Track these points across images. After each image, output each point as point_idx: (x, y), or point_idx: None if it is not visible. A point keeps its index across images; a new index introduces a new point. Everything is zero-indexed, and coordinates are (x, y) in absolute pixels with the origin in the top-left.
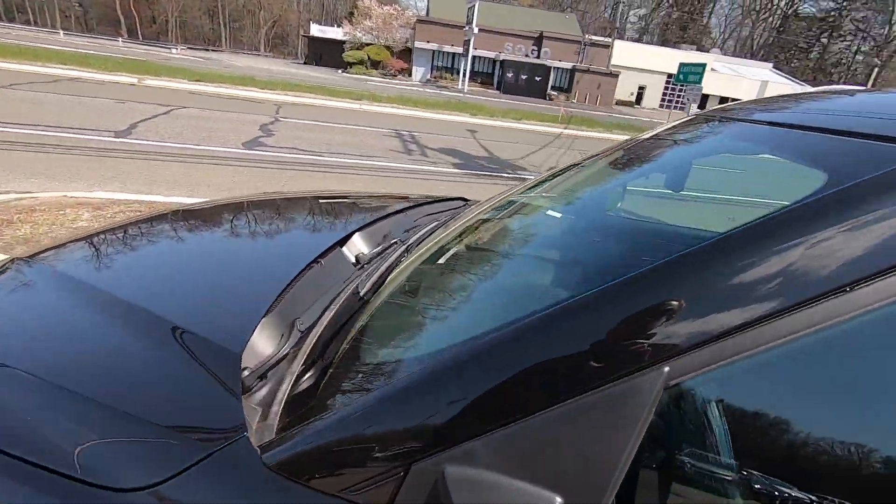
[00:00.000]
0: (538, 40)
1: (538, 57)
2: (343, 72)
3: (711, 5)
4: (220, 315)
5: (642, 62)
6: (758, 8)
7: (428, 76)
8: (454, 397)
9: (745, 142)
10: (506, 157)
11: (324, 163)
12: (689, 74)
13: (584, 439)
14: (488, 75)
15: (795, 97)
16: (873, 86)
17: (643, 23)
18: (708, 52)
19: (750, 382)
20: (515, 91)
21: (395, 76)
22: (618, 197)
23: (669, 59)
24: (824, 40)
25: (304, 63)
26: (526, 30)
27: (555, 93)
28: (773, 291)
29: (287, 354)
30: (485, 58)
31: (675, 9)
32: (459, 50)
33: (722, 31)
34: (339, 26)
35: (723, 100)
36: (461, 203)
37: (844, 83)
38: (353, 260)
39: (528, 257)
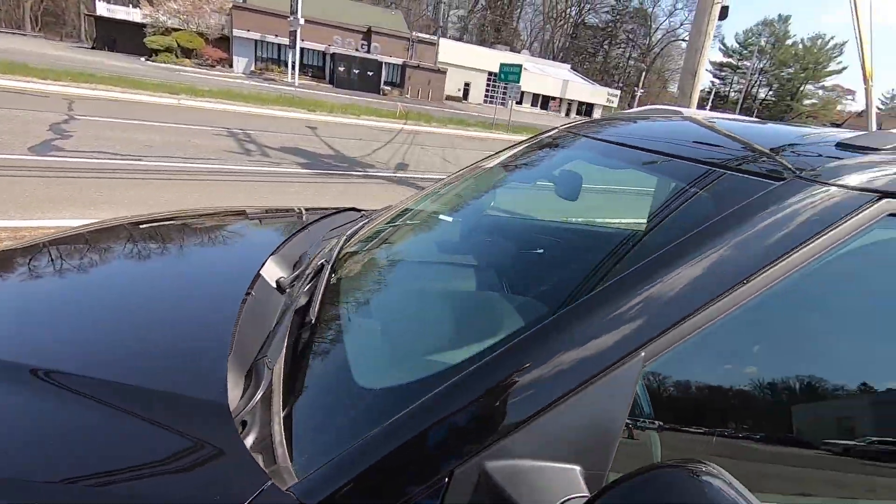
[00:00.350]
0: (367, 35)
1: (368, 52)
2: (147, 60)
3: (519, 11)
4: (175, 363)
5: (466, 60)
6: (555, 16)
7: (252, 67)
8: (484, 404)
9: (604, 156)
10: (353, 155)
11: (146, 168)
12: (510, 74)
13: (592, 419)
14: (319, 68)
15: (629, 117)
16: (643, 86)
17: (462, 23)
18: (519, 52)
19: (697, 356)
20: (348, 85)
21: (214, 67)
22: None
23: (489, 58)
24: (606, 47)
25: (94, 48)
26: (354, 24)
27: (388, 88)
28: (700, 289)
29: (264, 394)
30: (314, 50)
31: (489, 11)
32: (285, 41)
33: (529, 34)
34: (135, 6)
35: (535, 96)
36: (356, 213)
37: (622, 83)
38: (275, 286)
39: (462, 266)
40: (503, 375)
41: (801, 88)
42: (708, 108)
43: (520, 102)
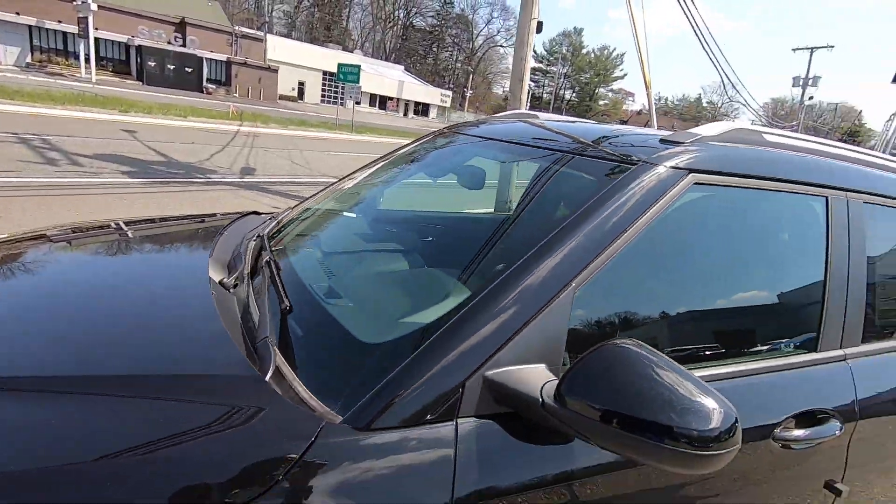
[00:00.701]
0: (181, 27)
1: (184, 45)
2: None
3: (347, 10)
4: (194, 353)
5: (299, 59)
6: (384, 17)
7: (28, 59)
8: (480, 334)
9: (492, 150)
10: (188, 160)
11: None
12: (349, 74)
13: (549, 331)
14: (122, 62)
15: (502, 119)
16: (471, 87)
17: (289, 19)
18: (352, 52)
19: (606, 282)
20: (162, 83)
21: None
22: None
23: (322, 57)
24: (435, 49)
25: None
26: (163, 13)
27: (212, 86)
28: (601, 237)
29: (276, 366)
30: (115, 42)
31: (316, 9)
32: (73, 28)
33: (360, 34)
34: None
35: (372, 96)
36: (258, 216)
37: (452, 84)
38: (219, 284)
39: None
40: (489, 311)
41: (596, 91)
42: (527, 108)
43: (358, 102)
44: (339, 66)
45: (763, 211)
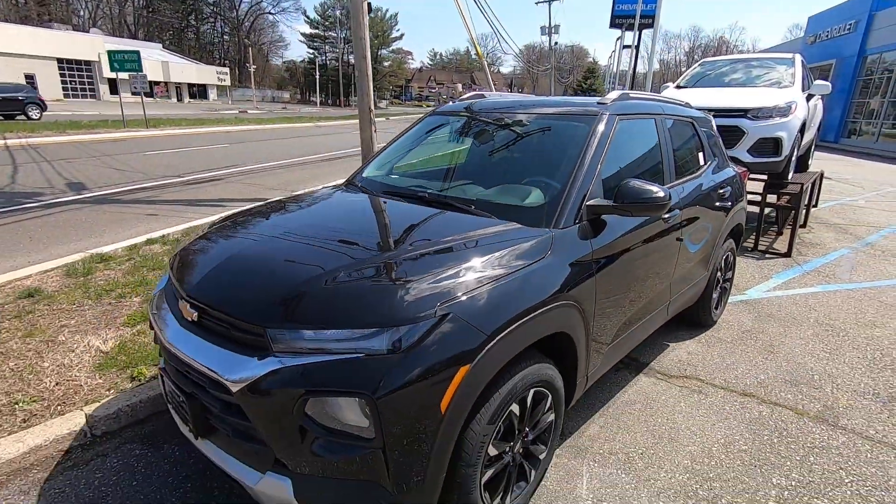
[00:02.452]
0: None
1: None
2: None
3: None
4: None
5: (18, 46)
6: None
7: None
8: (580, 190)
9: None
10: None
11: None
12: (126, 63)
13: (597, 185)
14: None
15: (477, 97)
16: (251, 61)
17: None
18: (88, 32)
19: (607, 162)
20: None
21: None
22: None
23: (52, 41)
24: (195, 22)
25: None
26: None
27: None
28: (594, 154)
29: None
30: None
31: None
32: None
33: (88, 9)
34: None
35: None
36: (341, 183)
37: (225, 60)
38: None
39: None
40: (579, 182)
41: (379, 52)
42: (317, 77)
43: (115, 92)
44: (111, 53)
45: (639, 128)
